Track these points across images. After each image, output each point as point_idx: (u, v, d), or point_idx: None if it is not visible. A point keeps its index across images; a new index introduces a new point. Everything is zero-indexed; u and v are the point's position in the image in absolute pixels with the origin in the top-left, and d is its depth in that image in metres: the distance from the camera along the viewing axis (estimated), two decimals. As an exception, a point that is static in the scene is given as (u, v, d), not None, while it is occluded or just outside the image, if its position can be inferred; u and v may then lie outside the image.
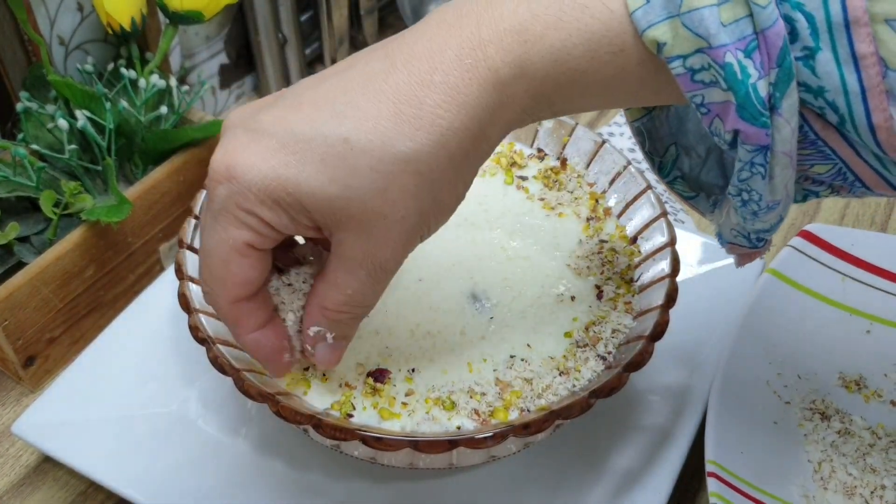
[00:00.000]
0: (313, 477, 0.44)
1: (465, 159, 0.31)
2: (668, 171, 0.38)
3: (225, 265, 0.33)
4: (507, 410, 0.39)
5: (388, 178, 0.30)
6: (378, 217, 0.31)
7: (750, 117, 0.28)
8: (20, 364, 0.51)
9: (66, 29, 0.59)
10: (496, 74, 0.30)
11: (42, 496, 0.48)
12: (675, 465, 0.44)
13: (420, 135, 0.29)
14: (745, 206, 0.31)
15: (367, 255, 0.32)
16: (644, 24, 0.27)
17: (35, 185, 0.52)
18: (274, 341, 0.36)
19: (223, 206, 0.31)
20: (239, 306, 0.34)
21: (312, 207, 0.30)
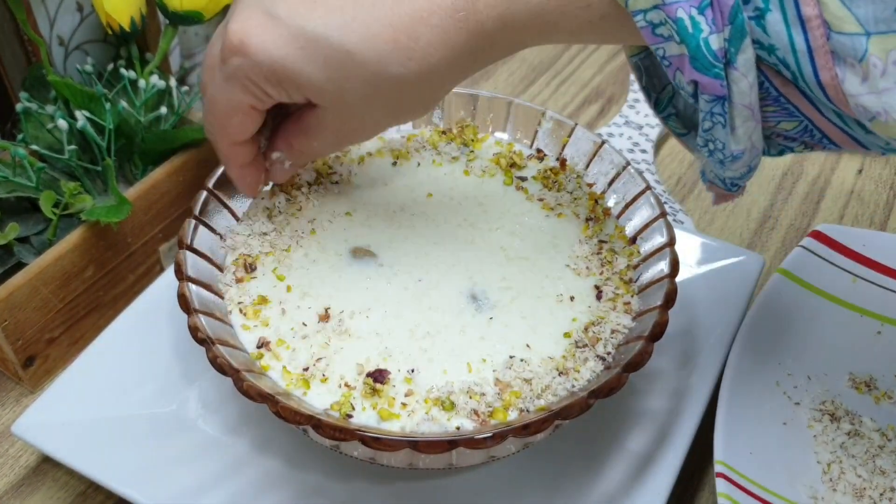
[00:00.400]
0: (313, 477, 0.44)
1: (443, 87, 0.38)
2: (663, 108, 0.41)
3: (228, 118, 0.39)
4: (506, 411, 0.39)
5: (376, 90, 0.36)
6: (356, 113, 0.38)
7: (703, 68, 0.31)
8: (20, 364, 0.51)
9: (66, 29, 0.59)
10: (482, 27, 0.35)
11: (42, 496, 0.48)
12: (675, 466, 0.44)
13: (411, 64, 0.35)
14: (712, 156, 0.35)
15: (339, 129, 0.39)
16: None
17: (35, 185, 0.52)
18: (256, 173, 0.44)
19: (234, 74, 0.37)
20: (233, 148, 0.42)
21: (308, 93, 0.37)
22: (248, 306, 0.43)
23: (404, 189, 0.50)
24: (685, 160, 0.71)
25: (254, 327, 0.43)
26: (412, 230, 0.48)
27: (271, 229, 0.47)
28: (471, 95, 0.53)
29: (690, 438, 0.46)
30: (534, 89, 0.79)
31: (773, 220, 0.66)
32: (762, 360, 0.50)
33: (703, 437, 0.51)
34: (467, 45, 0.35)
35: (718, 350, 0.50)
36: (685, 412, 0.47)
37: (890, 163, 0.71)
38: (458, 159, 0.52)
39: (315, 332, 0.42)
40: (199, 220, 0.45)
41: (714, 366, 0.49)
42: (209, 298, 0.43)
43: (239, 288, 0.44)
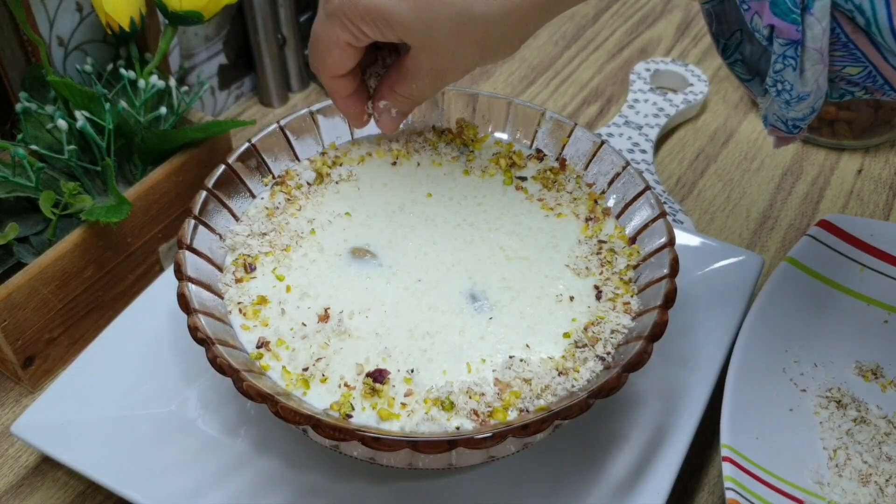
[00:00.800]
0: (312, 477, 0.44)
1: (525, 26, 0.40)
2: (730, 54, 0.42)
3: (329, 52, 0.42)
4: (506, 411, 0.39)
5: (462, 27, 0.39)
6: (447, 51, 0.40)
7: (781, 13, 0.32)
8: (19, 364, 0.51)
9: (66, 29, 0.59)
10: None
11: (41, 496, 0.48)
12: (674, 465, 0.44)
13: (494, 3, 0.38)
14: (780, 96, 0.36)
15: (433, 69, 0.42)
16: None
17: (34, 185, 0.52)
18: (358, 105, 0.47)
19: (335, 12, 0.40)
20: (335, 80, 0.45)
21: (401, 32, 0.40)
22: (248, 306, 0.43)
23: (404, 189, 0.50)
24: (685, 160, 0.71)
25: (253, 327, 0.43)
26: (412, 230, 0.48)
27: (271, 229, 0.47)
28: (470, 95, 0.53)
29: (690, 438, 0.46)
30: (533, 89, 0.79)
31: (772, 220, 0.66)
32: (769, 347, 0.50)
33: (703, 437, 0.51)
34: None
35: (718, 350, 0.50)
36: (685, 412, 0.47)
37: (889, 163, 0.71)
38: (457, 159, 0.52)
39: (315, 333, 0.42)
40: (199, 220, 0.45)
41: (714, 366, 0.49)
42: (209, 298, 0.43)
43: (238, 288, 0.44)
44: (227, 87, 0.76)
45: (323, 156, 0.51)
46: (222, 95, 0.76)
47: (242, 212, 0.48)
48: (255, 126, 0.69)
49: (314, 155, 0.51)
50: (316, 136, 0.52)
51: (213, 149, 0.59)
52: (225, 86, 0.76)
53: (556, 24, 0.88)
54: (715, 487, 0.49)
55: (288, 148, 0.51)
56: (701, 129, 0.75)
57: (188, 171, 0.57)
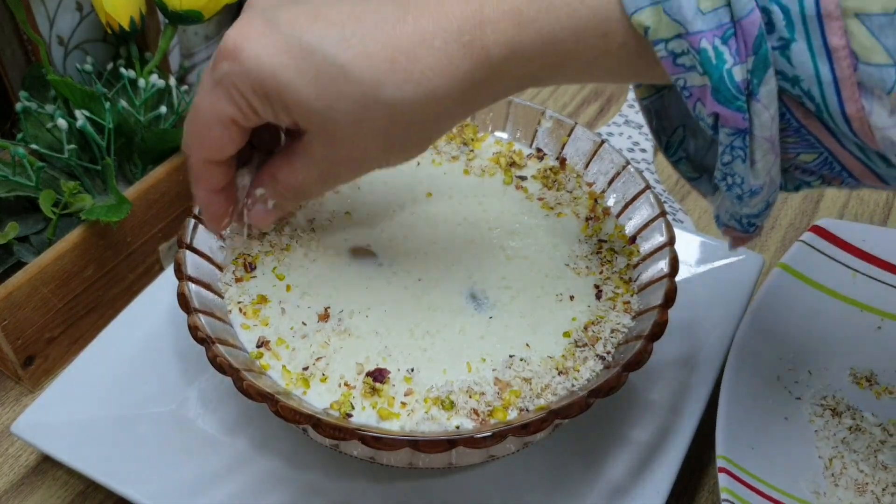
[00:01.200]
0: (312, 476, 0.44)
1: (440, 120, 0.35)
2: (673, 151, 0.40)
3: (208, 129, 0.36)
4: (506, 410, 0.39)
5: (367, 112, 0.33)
6: (347, 139, 0.34)
7: (725, 100, 0.30)
8: (19, 364, 0.51)
9: (66, 29, 0.59)
10: (488, 53, 0.32)
11: (41, 496, 0.48)
12: (674, 465, 0.44)
13: (407, 87, 0.32)
14: (730, 190, 0.33)
15: (325, 160, 0.36)
16: (632, 7, 0.30)
17: (34, 184, 0.52)
18: (223, 204, 0.41)
19: (221, 80, 0.34)
20: (207, 166, 0.38)
21: (295, 111, 0.34)
22: (248, 305, 0.43)
23: (404, 188, 0.50)
24: (685, 159, 0.71)
25: (253, 326, 0.43)
26: (412, 229, 0.48)
27: (271, 229, 0.47)
28: (470, 95, 0.53)
29: (690, 438, 0.46)
30: (533, 88, 0.79)
31: (772, 219, 0.66)
32: (763, 355, 0.50)
33: (702, 437, 0.51)
34: (471, 73, 0.32)
35: (718, 349, 0.50)
36: (685, 411, 0.47)
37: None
38: (457, 158, 0.52)
39: (315, 332, 0.42)
40: (199, 219, 0.45)
41: (713, 365, 0.49)
42: (209, 298, 0.43)
43: (238, 287, 0.44)
44: (227, 86, 0.76)
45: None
46: (222, 95, 0.76)
47: (242, 211, 0.48)
48: (255, 125, 0.69)
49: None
50: (316, 135, 0.52)
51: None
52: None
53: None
54: (715, 487, 0.49)
55: (288, 147, 0.51)
56: (701, 129, 0.75)
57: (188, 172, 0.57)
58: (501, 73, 0.33)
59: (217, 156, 0.38)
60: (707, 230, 0.65)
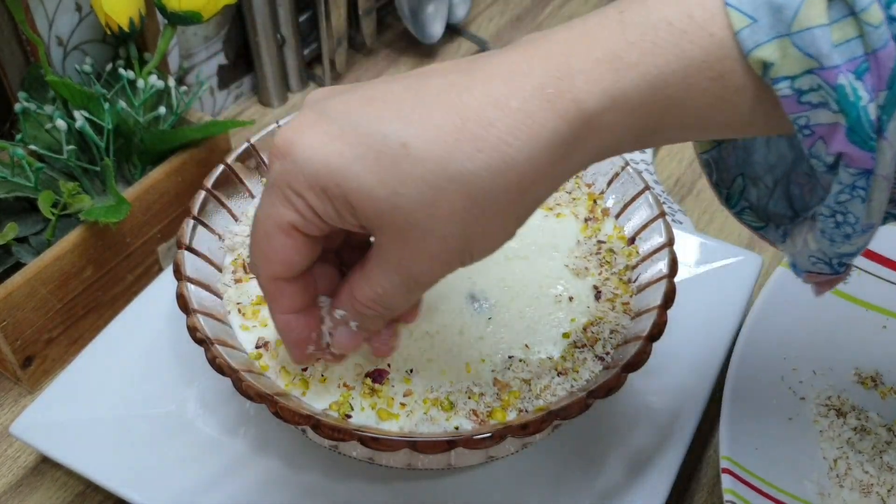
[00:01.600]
0: (311, 477, 0.44)
1: (524, 193, 0.29)
2: (735, 202, 0.37)
3: (268, 240, 0.32)
4: (505, 411, 0.39)
5: (439, 193, 0.28)
6: (420, 231, 0.29)
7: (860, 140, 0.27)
8: (18, 364, 0.51)
9: (65, 29, 0.59)
10: (580, 106, 0.28)
11: (40, 497, 0.48)
12: (674, 465, 0.44)
13: (480, 157, 0.28)
14: (839, 229, 0.30)
15: (402, 264, 0.31)
16: (751, 43, 0.26)
17: (33, 185, 0.52)
18: (303, 329, 0.36)
19: (276, 182, 0.31)
20: (277, 284, 0.34)
21: (357, 205, 0.29)
22: (247, 306, 0.43)
23: (403, 189, 0.50)
24: (684, 160, 0.71)
25: (252, 327, 0.43)
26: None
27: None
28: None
29: (689, 438, 0.46)
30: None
31: (771, 220, 0.66)
32: (767, 355, 0.50)
33: (702, 437, 0.51)
34: (558, 132, 0.28)
35: (717, 350, 0.50)
36: (684, 412, 0.47)
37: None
38: (456, 159, 0.52)
39: (314, 333, 0.42)
40: (198, 220, 0.45)
41: (713, 366, 0.49)
42: (208, 299, 0.43)
43: (238, 288, 0.44)
44: (227, 86, 0.76)
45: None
46: (221, 95, 0.76)
47: (242, 212, 0.48)
48: (255, 126, 0.69)
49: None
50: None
51: (213, 149, 0.59)
52: (224, 86, 0.76)
53: (556, 24, 0.88)
54: (714, 488, 0.49)
55: (287, 148, 0.51)
56: (700, 129, 0.75)
57: (187, 171, 0.57)
58: (597, 130, 0.28)
59: (284, 271, 0.33)
60: (706, 231, 0.65)
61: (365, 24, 0.81)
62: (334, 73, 0.80)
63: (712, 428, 0.52)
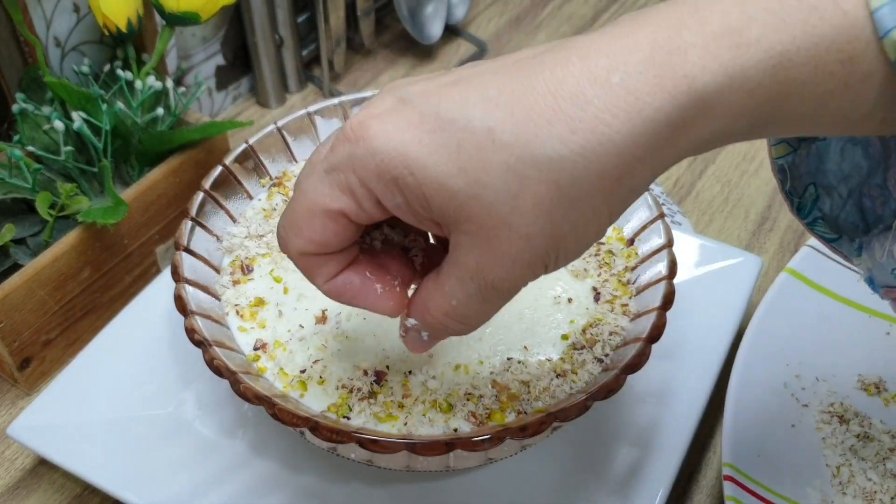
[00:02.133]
0: (310, 479, 0.44)
1: (620, 181, 0.26)
2: (807, 212, 0.36)
3: (309, 219, 0.29)
4: (504, 413, 0.39)
5: (524, 182, 0.26)
6: (501, 226, 0.27)
7: None
8: (16, 366, 0.51)
9: (63, 30, 0.59)
10: (693, 84, 0.25)
11: (37, 499, 0.48)
12: (673, 467, 0.44)
13: (574, 139, 0.25)
14: None
15: (479, 268, 0.28)
16: (889, 23, 0.23)
17: (31, 186, 0.51)
18: (359, 281, 0.32)
19: (338, 165, 0.28)
20: (307, 258, 0.31)
21: (432, 196, 0.27)
22: (245, 308, 0.43)
23: (402, 190, 0.50)
24: (683, 161, 0.71)
25: (250, 329, 0.43)
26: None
27: (268, 231, 0.47)
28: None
29: (688, 440, 0.46)
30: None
31: (771, 221, 0.66)
32: (769, 361, 0.49)
33: (701, 439, 0.51)
34: (665, 110, 0.25)
35: (717, 352, 0.50)
36: (683, 414, 0.47)
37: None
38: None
39: (312, 334, 0.42)
40: (196, 221, 0.45)
41: (712, 367, 0.49)
42: (206, 300, 0.43)
43: (235, 290, 0.44)
44: (225, 87, 0.76)
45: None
46: (220, 96, 0.76)
47: (240, 213, 0.48)
48: (253, 127, 0.69)
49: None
50: (314, 137, 0.52)
51: (211, 150, 0.59)
52: (222, 87, 0.76)
53: (555, 25, 0.88)
54: (713, 489, 0.49)
55: (285, 149, 0.51)
56: (699, 131, 0.75)
57: (185, 173, 0.57)
58: (710, 112, 0.25)
59: (317, 250, 0.30)
60: (705, 232, 0.65)
61: (363, 25, 0.80)
62: (333, 73, 0.80)
63: (712, 430, 0.51)
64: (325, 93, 0.79)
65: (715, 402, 0.49)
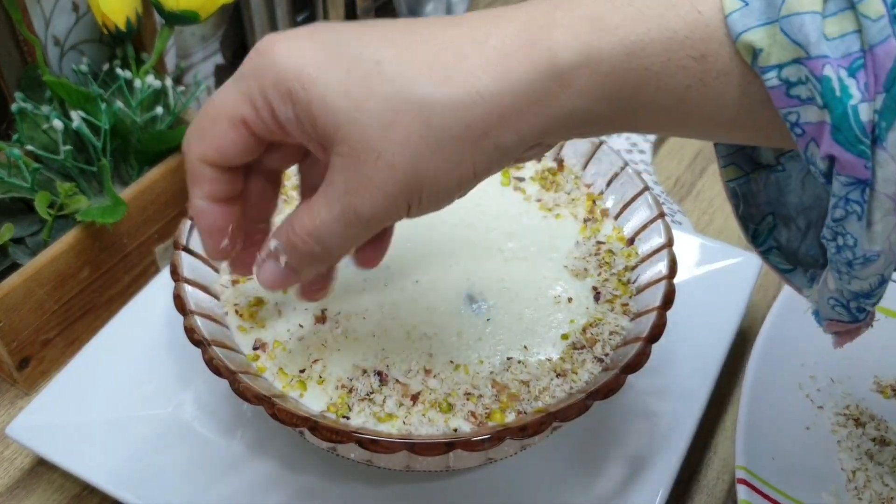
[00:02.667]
0: (309, 479, 0.44)
1: (485, 135, 0.29)
2: (762, 241, 0.36)
3: (213, 123, 0.32)
4: (503, 412, 0.39)
5: (398, 115, 0.28)
6: (371, 151, 0.29)
7: (846, 142, 0.25)
8: (14, 366, 0.51)
9: (62, 29, 0.59)
10: (553, 58, 0.27)
11: (36, 499, 0.48)
12: (673, 467, 0.44)
13: (448, 86, 0.28)
14: (840, 254, 0.28)
15: (347, 190, 0.30)
16: (740, 27, 0.25)
17: (30, 186, 0.51)
18: (219, 218, 0.34)
19: (243, 74, 0.31)
20: (203, 166, 0.33)
21: (317, 114, 0.29)
22: (245, 308, 0.43)
23: (401, 190, 0.50)
24: (683, 160, 0.71)
25: (250, 329, 0.42)
26: (409, 231, 0.48)
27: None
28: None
29: (689, 440, 0.46)
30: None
31: (771, 220, 0.66)
32: (784, 362, 0.49)
33: (702, 439, 0.51)
34: (529, 78, 0.28)
35: (717, 351, 0.50)
36: (683, 414, 0.47)
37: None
38: (455, 160, 0.52)
39: (312, 334, 0.42)
40: (195, 220, 0.45)
41: (712, 367, 0.49)
42: (205, 300, 0.42)
43: (235, 289, 0.44)
44: (224, 87, 0.76)
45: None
46: (219, 96, 0.76)
47: (239, 212, 0.48)
48: (252, 126, 0.69)
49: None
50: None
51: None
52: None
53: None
54: (713, 489, 0.49)
55: (285, 148, 0.50)
56: (699, 130, 0.75)
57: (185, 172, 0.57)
58: (568, 86, 0.28)
59: (215, 158, 0.32)
60: (705, 232, 0.65)
61: (363, 25, 0.80)
62: (332, 73, 0.80)
63: (712, 429, 0.51)
64: (325, 92, 0.79)
65: (715, 401, 0.49)
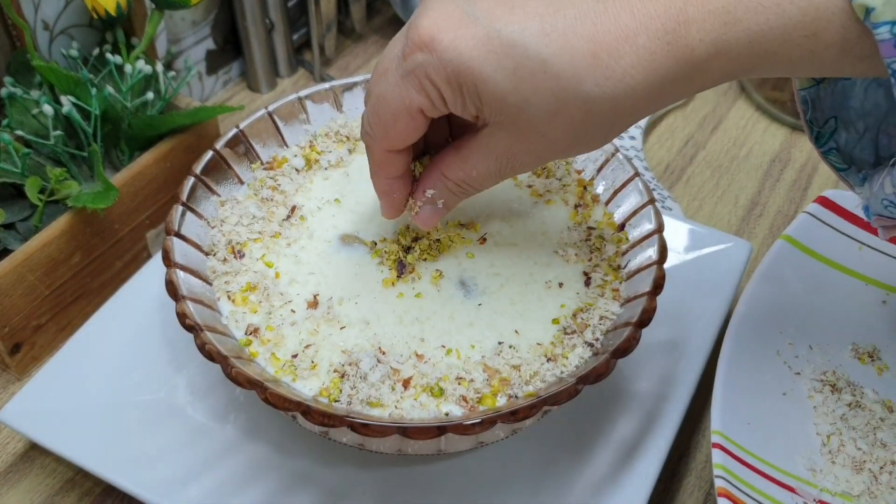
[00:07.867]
0: (301, 463, 0.45)
1: (631, 116, 0.34)
2: (824, 142, 0.41)
3: (394, 119, 0.36)
4: (494, 397, 0.39)
5: (563, 107, 0.33)
6: (536, 133, 0.34)
7: None
8: (6, 351, 0.51)
9: (51, 13, 0.58)
10: (692, 53, 0.32)
11: (29, 483, 0.48)
12: (663, 450, 0.45)
13: (608, 84, 0.32)
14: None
15: (508, 152, 0.36)
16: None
17: (20, 171, 0.51)
18: (402, 191, 0.41)
19: (414, 70, 0.34)
20: (388, 155, 0.38)
21: (487, 102, 0.33)
22: (237, 293, 0.43)
23: (393, 175, 0.50)
24: (673, 147, 0.72)
25: (242, 314, 0.43)
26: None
27: (260, 216, 0.47)
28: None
29: (678, 423, 0.46)
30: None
31: (760, 206, 0.66)
32: (763, 329, 0.49)
33: (691, 422, 0.51)
34: (672, 70, 0.32)
35: (706, 336, 0.50)
36: (673, 397, 0.47)
37: (877, 150, 0.71)
38: (446, 146, 0.52)
39: (304, 319, 0.42)
40: (187, 206, 0.45)
41: (702, 351, 0.49)
42: (197, 285, 0.42)
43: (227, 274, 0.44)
44: (215, 72, 0.76)
45: (311, 146, 0.51)
46: (210, 81, 0.75)
47: (230, 197, 0.48)
48: (244, 112, 0.69)
49: (303, 141, 0.51)
50: (305, 121, 0.51)
51: (201, 134, 0.58)
52: (212, 71, 0.75)
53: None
54: (702, 472, 0.49)
55: (276, 134, 0.50)
56: (690, 116, 0.75)
57: (176, 157, 0.57)
58: (702, 72, 0.33)
59: (402, 144, 0.37)
60: (695, 218, 0.65)
61: (354, 10, 0.80)
62: (323, 58, 0.79)
63: (701, 413, 0.52)
64: (316, 77, 0.78)
65: (704, 385, 0.49)
